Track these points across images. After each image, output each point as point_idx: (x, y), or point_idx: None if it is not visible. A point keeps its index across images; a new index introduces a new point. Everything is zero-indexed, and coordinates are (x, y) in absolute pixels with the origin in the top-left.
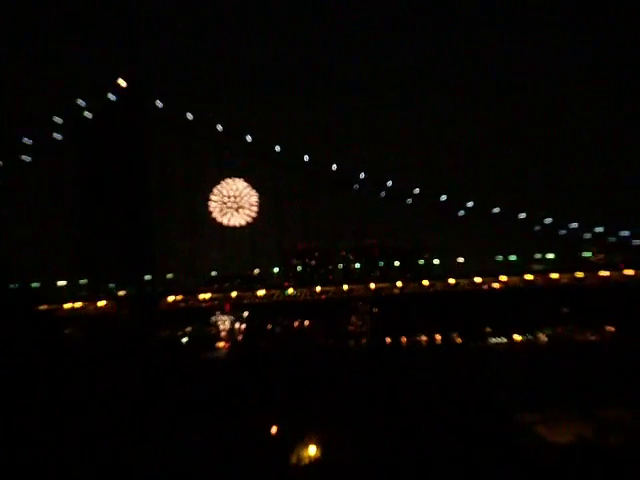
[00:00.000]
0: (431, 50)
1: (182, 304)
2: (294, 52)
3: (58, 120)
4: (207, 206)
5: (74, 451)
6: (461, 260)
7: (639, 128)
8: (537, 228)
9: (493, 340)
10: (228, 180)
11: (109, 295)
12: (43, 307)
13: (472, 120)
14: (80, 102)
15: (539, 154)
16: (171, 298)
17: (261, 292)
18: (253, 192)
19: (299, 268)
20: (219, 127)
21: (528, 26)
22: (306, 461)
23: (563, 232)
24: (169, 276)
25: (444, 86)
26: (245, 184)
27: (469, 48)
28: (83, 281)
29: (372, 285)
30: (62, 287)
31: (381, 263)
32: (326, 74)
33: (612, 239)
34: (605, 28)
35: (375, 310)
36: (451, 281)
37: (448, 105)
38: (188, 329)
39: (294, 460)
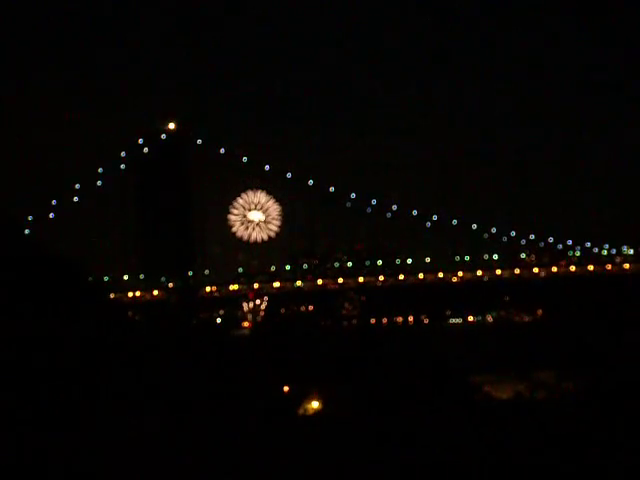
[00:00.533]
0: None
1: (216, 293)
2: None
3: (123, 154)
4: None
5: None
6: (428, 260)
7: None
8: (485, 235)
9: (452, 320)
10: (249, 192)
11: (161, 286)
12: (112, 295)
13: (437, 150)
14: (140, 140)
15: (488, 180)
16: (208, 288)
17: (276, 284)
18: (276, 205)
19: (305, 266)
20: (244, 159)
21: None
22: (310, 412)
23: (505, 239)
24: (206, 272)
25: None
26: (267, 196)
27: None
28: (142, 276)
29: (361, 279)
30: (126, 280)
31: (367, 262)
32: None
33: (541, 244)
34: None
35: (363, 298)
36: (420, 276)
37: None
38: (221, 312)
39: (301, 412)
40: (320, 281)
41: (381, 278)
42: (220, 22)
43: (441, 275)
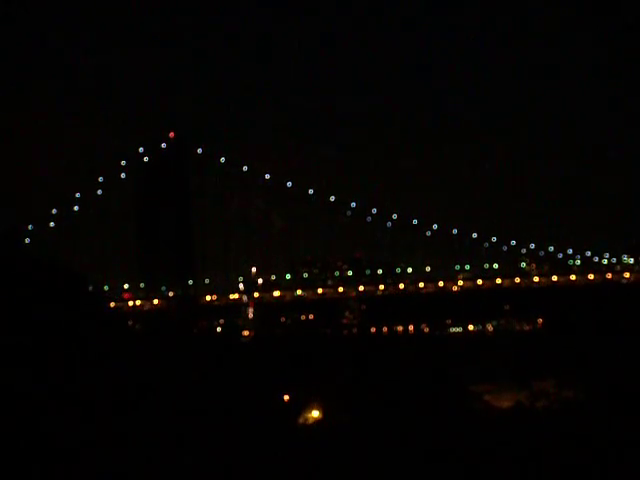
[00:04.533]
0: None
1: (216, 302)
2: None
3: (123, 163)
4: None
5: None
6: (428, 269)
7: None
8: (486, 244)
9: (452, 329)
10: None
11: (161, 295)
12: (112, 304)
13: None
14: (140, 149)
15: (487, 188)
16: (208, 297)
17: (276, 293)
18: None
19: (305, 275)
20: (245, 168)
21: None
22: (310, 421)
23: (505, 248)
24: (207, 281)
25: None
26: None
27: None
28: (142, 285)
29: (361, 288)
30: (126, 289)
31: (368, 271)
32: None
33: (541, 253)
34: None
35: (363, 307)
36: (420, 285)
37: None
38: (221, 321)
39: (301, 420)
40: (320, 290)
41: (381, 287)
42: (221, 31)
43: (441, 284)
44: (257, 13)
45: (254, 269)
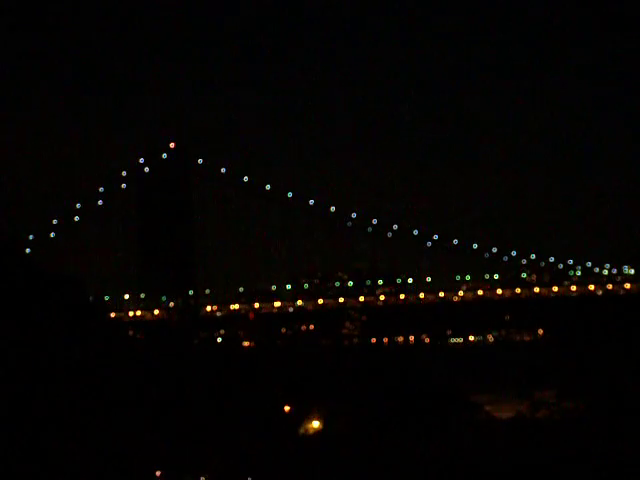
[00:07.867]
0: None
1: (217, 313)
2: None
3: (124, 173)
4: None
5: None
6: (429, 279)
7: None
8: (486, 255)
9: (453, 340)
10: None
11: (162, 306)
12: (113, 315)
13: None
14: (141, 160)
15: (487, 198)
16: (209, 308)
17: (277, 303)
18: None
19: (306, 286)
20: (245, 178)
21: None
22: (311, 432)
23: (505, 258)
24: (207, 291)
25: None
26: None
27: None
28: (142, 295)
29: (361, 298)
30: (127, 299)
31: (368, 282)
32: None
33: (542, 263)
34: None
35: (363, 317)
36: (421, 295)
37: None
38: (222, 331)
39: (302, 431)
40: (321, 300)
41: (382, 298)
42: (223, 42)
43: (442, 294)
44: (255, 22)
45: None
